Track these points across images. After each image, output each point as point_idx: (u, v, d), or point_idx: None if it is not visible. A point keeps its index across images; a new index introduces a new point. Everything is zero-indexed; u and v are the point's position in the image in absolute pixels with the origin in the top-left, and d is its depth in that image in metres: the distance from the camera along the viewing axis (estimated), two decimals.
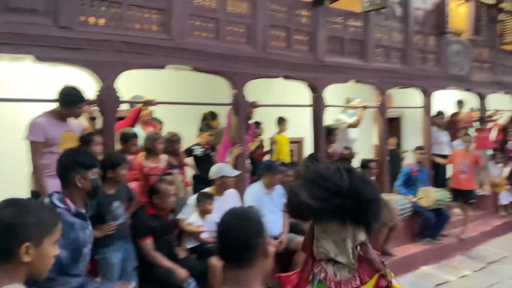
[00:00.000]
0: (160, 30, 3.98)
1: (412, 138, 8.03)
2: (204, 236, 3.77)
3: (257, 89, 5.25)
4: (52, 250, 1.30)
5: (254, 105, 4.91)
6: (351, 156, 5.62)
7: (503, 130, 8.78)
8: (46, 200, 2.13)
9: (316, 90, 5.19)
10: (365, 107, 5.93)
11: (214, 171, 4.07)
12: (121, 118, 4.17)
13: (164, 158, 4.19)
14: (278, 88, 6.09)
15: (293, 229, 4.55)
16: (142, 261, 3.44)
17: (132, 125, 4.23)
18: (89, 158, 2.30)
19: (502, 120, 8.99)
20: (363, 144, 7.57)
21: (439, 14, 6.72)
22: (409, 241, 5.99)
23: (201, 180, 4.64)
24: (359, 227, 2.53)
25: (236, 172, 4.20)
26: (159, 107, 4.47)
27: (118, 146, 3.89)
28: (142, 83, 4.84)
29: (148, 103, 4.17)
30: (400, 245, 5.86)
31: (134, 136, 4.05)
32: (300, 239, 4.43)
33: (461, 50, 7.17)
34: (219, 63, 4.35)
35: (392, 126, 7.96)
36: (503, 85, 8.15)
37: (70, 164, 2.18)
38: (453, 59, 7.00)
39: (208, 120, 5.32)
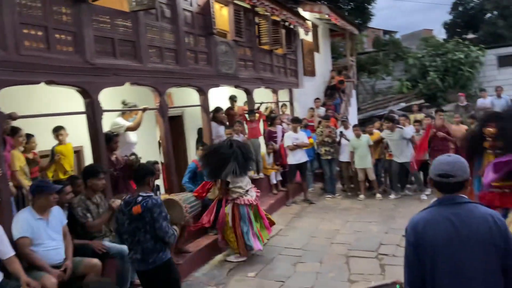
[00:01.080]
0: None
1: (194, 135, 8.41)
2: None
3: (16, 98, 4.49)
4: None
5: (12, 117, 4.15)
6: (136, 161, 5.43)
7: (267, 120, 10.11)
8: None
9: (89, 95, 4.76)
10: (145, 109, 5.81)
11: None
12: None
13: None
14: (45, 95, 5.37)
15: (79, 251, 4.11)
16: None
17: None
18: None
19: (267, 110, 10.31)
20: (149, 146, 7.49)
21: (206, 15, 7.11)
22: (201, 235, 6.24)
23: None
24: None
25: None
26: None
27: None
28: None
29: None
30: (193, 240, 6.05)
31: None
32: (89, 260, 4.04)
33: (228, 50, 7.81)
34: None
35: (175, 125, 8.10)
36: (264, 80, 9.32)
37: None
38: (222, 58, 7.57)
39: None
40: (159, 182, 6.14)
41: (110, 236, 4.52)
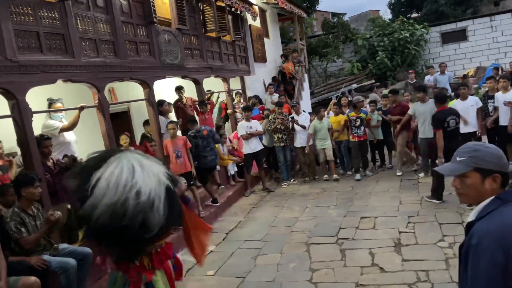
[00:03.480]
0: None
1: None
2: None
3: None
4: None
5: None
6: (72, 162, 5.01)
7: (226, 108, 9.85)
8: None
9: (14, 96, 4.29)
10: (82, 108, 5.37)
11: None
12: None
13: None
14: None
15: (15, 269, 3.72)
16: None
17: None
18: None
19: (221, 99, 10.03)
20: (94, 145, 7.01)
21: (145, 3, 6.68)
22: None
23: None
24: None
25: None
26: None
27: None
28: None
29: None
30: None
31: None
32: (26, 278, 3.67)
33: (171, 39, 7.42)
34: None
35: (121, 122, 7.66)
36: (213, 69, 9.00)
37: None
38: (166, 48, 7.17)
39: None
40: None
41: (51, 249, 4.13)
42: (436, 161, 6.16)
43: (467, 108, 7.22)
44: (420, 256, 4.73)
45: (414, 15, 24.53)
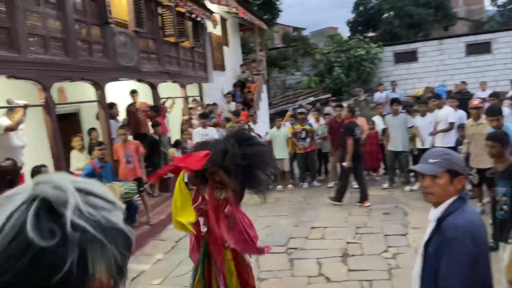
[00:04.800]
0: None
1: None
2: None
3: None
4: None
5: None
6: (13, 167, 4.70)
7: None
8: None
9: None
10: (25, 106, 5.10)
11: None
12: None
13: None
14: None
15: None
16: None
17: None
18: None
19: (173, 105, 9.88)
20: (40, 148, 6.67)
21: (100, 3, 6.50)
22: None
23: None
24: None
25: None
26: None
27: None
28: None
29: None
30: None
31: None
32: None
33: (127, 42, 7.25)
34: None
35: (70, 123, 7.36)
36: (170, 74, 8.87)
37: None
38: (121, 50, 6.99)
39: None
40: None
41: None
42: (344, 164, 7.00)
43: (425, 124, 7.52)
44: (365, 266, 4.83)
45: (370, 34, 25.53)
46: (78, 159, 6.46)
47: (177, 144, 8.29)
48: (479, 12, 30.75)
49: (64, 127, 6.43)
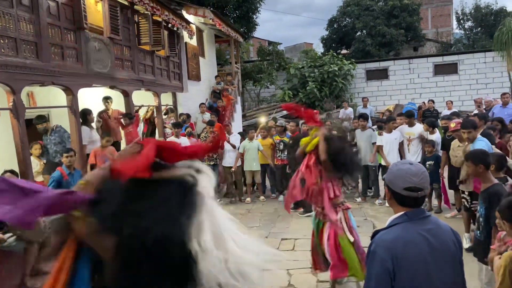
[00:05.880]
0: None
1: None
2: None
3: None
4: None
5: None
6: None
7: (148, 122, 9.63)
8: None
9: None
10: None
11: None
12: None
13: None
14: None
15: None
16: None
17: None
18: None
19: (148, 114, 9.81)
20: (6, 152, 6.47)
21: (75, 8, 6.42)
22: None
23: None
24: None
25: None
26: None
27: None
28: None
29: None
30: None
31: None
32: None
33: (102, 48, 7.18)
34: None
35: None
36: (144, 82, 8.81)
37: None
38: (95, 56, 6.91)
39: None
40: None
41: None
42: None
43: (390, 140, 7.74)
44: None
45: (344, 51, 26.18)
46: (36, 165, 6.26)
47: None
48: (447, 34, 32.14)
49: (33, 133, 6.27)
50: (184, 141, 8.27)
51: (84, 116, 6.91)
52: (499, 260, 2.46)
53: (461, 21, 27.21)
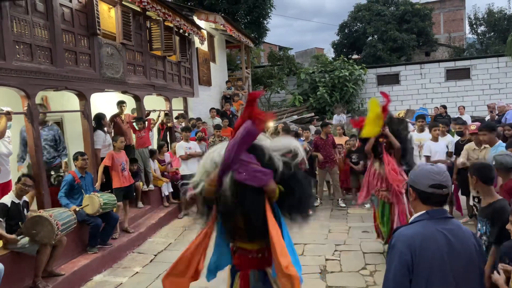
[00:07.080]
0: None
1: (77, 143, 7.63)
2: None
3: None
4: None
5: None
6: None
7: (164, 128, 9.69)
8: None
9: None
10: (8, 113, 5.06)
11: None
12: None
13: None
14: None
15: None
16: None
17: None
18: None
19: (160, 118, 9.89)
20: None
21: (89, 14, 6.54)
22: (78, 254, 5.63)
23: None
24: None
25: None
26: None
27: None
28: None
29: None
30: (69, 260, 5.42)
31: None
32: None
33: (114, 53, 7.29)
34: None
35: None
36: (155, 87, 8.91)
37: None
38: (107, 61, 7.02)
39: None
40: (27, 197, 5.36)
41: None
42: None
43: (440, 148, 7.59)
44: (343, 283, 4.88)
45: (355, 56, 26.13)
46: None
47: (152, 154, 8.27)
48: (460, 39, 31.86)
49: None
50: (194, 145, 8.33)
51: (99, 121, 7.01)
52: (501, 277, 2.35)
53: (474, 26, 27.00)
